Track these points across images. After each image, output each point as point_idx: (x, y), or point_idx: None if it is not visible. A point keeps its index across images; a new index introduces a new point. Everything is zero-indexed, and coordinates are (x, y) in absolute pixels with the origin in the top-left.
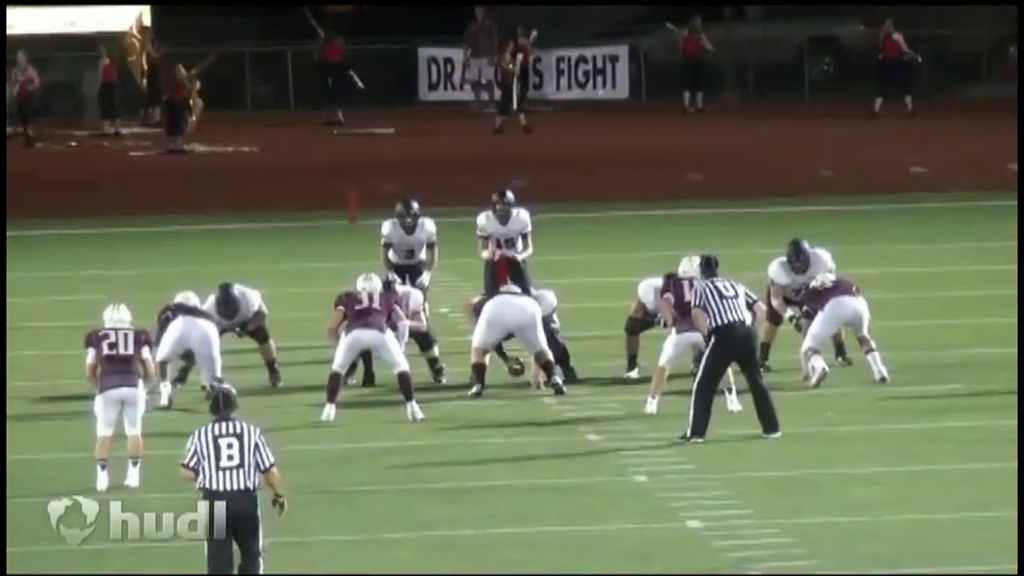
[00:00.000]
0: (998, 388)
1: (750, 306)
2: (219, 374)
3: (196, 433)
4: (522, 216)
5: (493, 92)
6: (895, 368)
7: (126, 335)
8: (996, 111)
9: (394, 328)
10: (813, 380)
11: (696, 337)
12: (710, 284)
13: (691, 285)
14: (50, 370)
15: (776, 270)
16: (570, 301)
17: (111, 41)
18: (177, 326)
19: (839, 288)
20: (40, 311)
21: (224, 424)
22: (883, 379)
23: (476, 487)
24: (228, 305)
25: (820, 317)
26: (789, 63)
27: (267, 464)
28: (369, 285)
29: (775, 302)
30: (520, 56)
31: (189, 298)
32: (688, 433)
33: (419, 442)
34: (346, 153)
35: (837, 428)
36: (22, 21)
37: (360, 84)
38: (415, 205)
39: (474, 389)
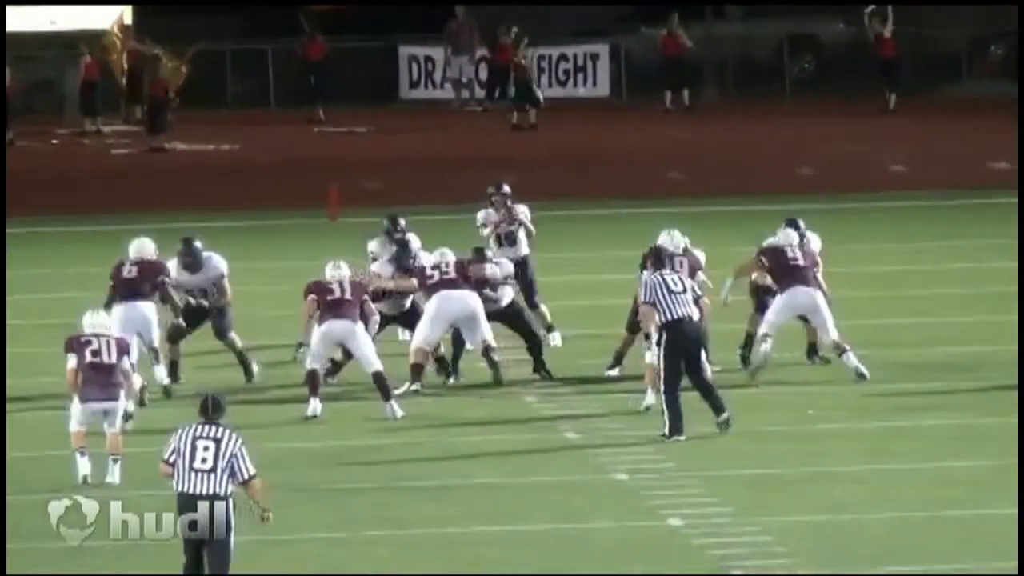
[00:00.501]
0: (979, 386)
1: (696, 301)
2: (156, 344)
3: (179, 431)
4: (520, 209)
5: (474, 90)
6: (875, 366)
7: (108, 343)
8: (977, 109)
9: (366, 320)
10: (755, 363)
11: None
12: (660, 278)
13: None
14: (34, 368)
15: (772, 238)
16: (551, 299)
17: (93, 39)
18: (118, 313)
19: (798, 276)
20: (23, 309)
21: (206, 427)
22: (862, 375)
23: (456, 485)
24: (190, 256)
25: (777, 303)
26: (769, 61)
27: (246, 476)
28: (338, 273)
29: (755, 274)
30: (529, 53)
31: (143, 247)
32: (667, 432)
33: (399, 440)
34: (327, 151)
35: (817, 426)
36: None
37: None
38: (402, 221)
39: (413, 387)
